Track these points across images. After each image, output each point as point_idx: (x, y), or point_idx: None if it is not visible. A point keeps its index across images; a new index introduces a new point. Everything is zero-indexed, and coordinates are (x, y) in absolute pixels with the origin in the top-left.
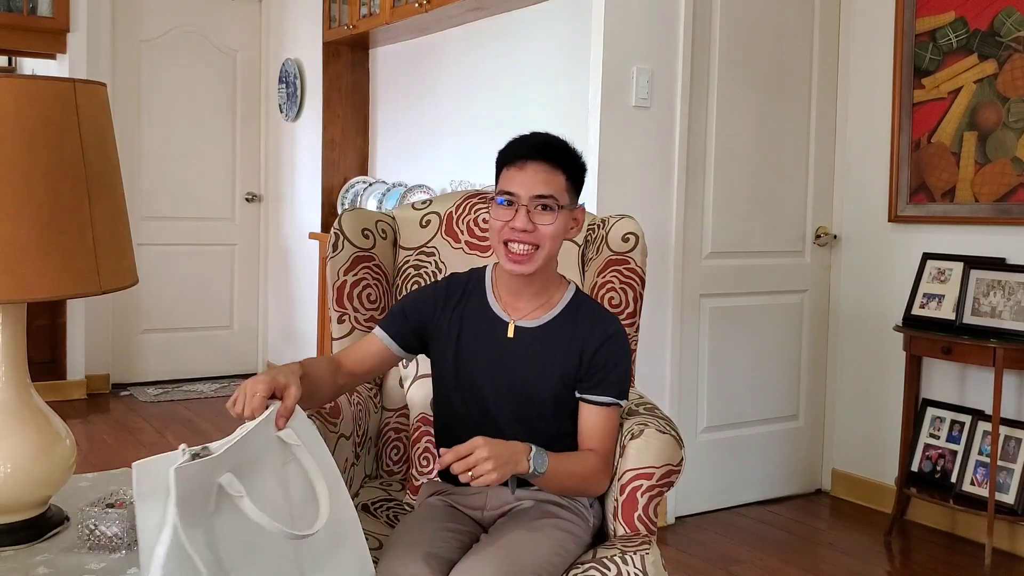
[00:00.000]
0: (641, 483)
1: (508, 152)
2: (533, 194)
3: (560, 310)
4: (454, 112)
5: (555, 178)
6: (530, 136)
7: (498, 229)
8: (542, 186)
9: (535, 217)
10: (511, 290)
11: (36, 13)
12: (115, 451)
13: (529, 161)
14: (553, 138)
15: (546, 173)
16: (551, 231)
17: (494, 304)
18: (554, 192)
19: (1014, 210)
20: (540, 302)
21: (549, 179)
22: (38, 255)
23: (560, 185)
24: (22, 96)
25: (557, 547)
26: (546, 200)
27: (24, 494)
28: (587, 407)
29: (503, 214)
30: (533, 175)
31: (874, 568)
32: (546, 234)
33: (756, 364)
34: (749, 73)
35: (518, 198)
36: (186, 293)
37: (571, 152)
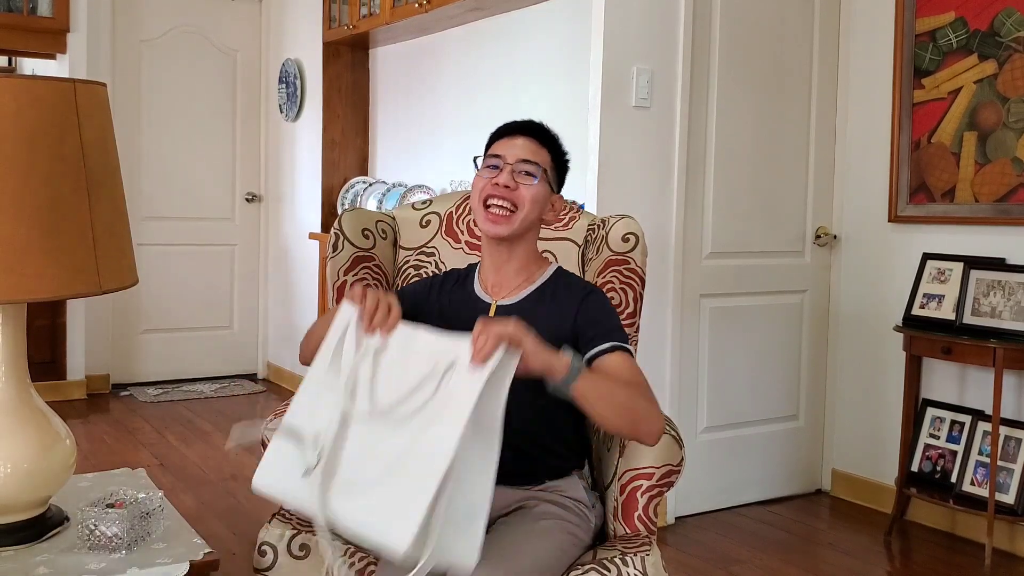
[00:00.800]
0: (641, 483)
1: (499, 129)
2: (520, 157)
3: (539, 284)
4: (454, 112)
5: (541, 152)
6: (522, 119)
7: (480, 187)
8: (529, 153)
9: (518, 178)
10: (494, 266)
11: (36, 13)
12: (115, 451)
13: (519, 135)
14: (543, 124)
15: (534, 146)
16: (531, 193)
17: (479, 289)
18: (539, 161)
19: (1014, 210)
20: (521, 279)
21: (536, 151)
22: (38, 255)
23: (545, 160)
24: (22, 96)
25: (557, 547)
26: (531, 166)
27: (24, 494)
28: (600, 361)
29: (487, 173)
30: (522, 145)
31: (874, 568)
32: (525, 196)
33: (756, 364)
34: (749, 73)
35: (504, 159)
36: (186, 293)
37: (559, 142)
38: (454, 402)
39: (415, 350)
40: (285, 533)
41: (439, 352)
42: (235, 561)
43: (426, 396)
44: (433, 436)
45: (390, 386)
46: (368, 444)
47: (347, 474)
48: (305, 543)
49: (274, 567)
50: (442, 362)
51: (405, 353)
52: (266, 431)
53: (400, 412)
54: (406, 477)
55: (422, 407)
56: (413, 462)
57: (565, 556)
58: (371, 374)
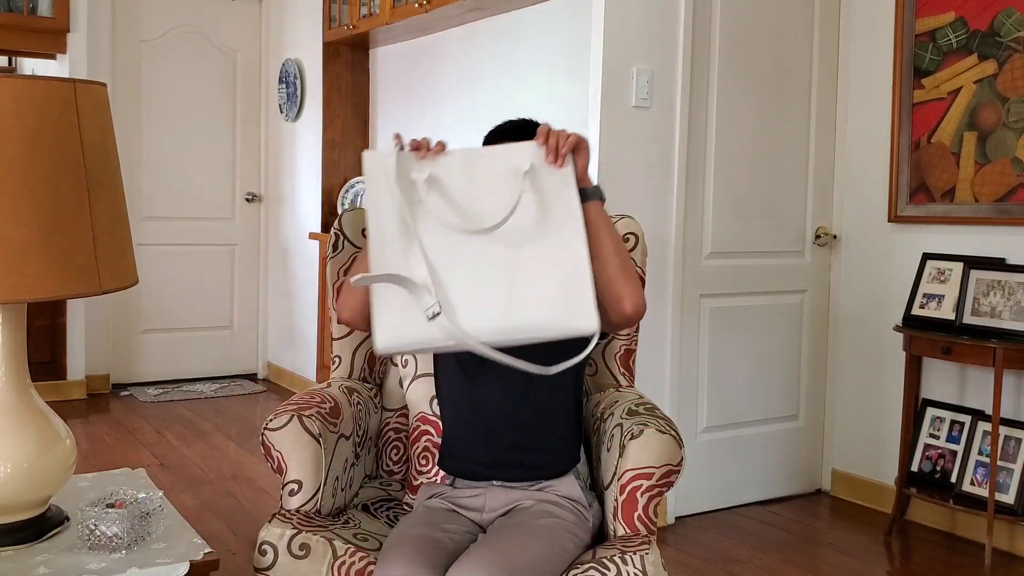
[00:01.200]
0: (641, 483)
1: (491, 134)
2: None
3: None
4: (454, 112)
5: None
6: (513, 121)
7: None
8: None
9: None
10: None
11: (36, 13)
12: (115, 451)
13: (509, 141)
14: (534, 121)
15: None
16: None
17: None
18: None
19: (1014, 210)
20: None
21: None
22: (38, 255)
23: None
24: (22, 96)
25: (554, 546)
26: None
27: (24, 494)
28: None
29: None
30: None
31: (874, 568)
32: None
33: (756, 364)
34: (749, 73)
35: None
36: (186, 293)
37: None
38: (560, 204)
39: (481, 167)
40: (285, 533)
41: (508, 161)
42: (235, 561)
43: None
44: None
45: (477, 203)
46: (487, 259)
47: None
48: (305, 542)
49: (274, 567)
50: (519, 168)
51: (472, 174)
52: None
53: (508, 227)
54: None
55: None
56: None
57: (565, 555)
58: (446, 201)
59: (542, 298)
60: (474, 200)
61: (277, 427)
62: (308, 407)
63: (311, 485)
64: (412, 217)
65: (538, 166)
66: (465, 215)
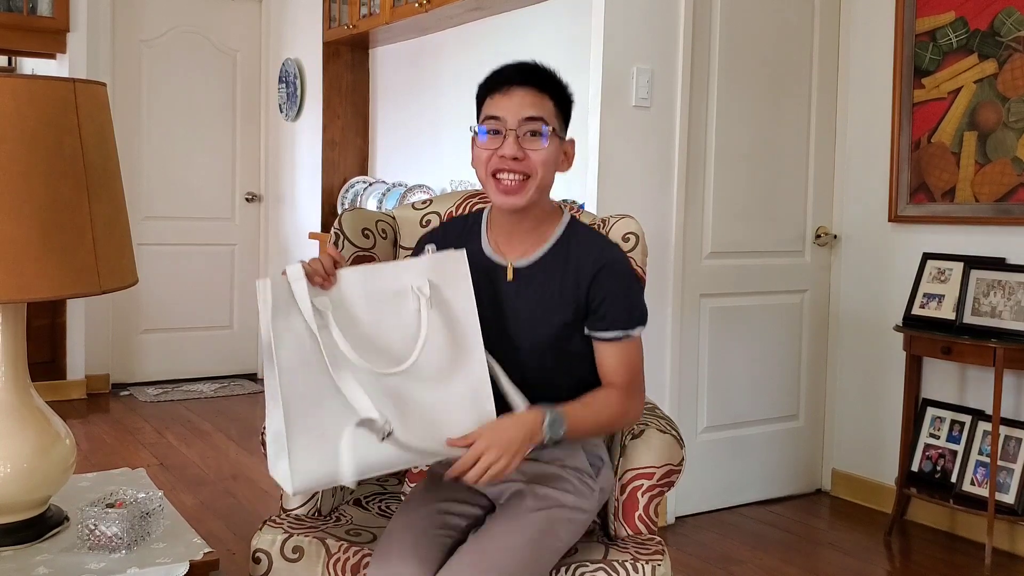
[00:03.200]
0: (641, 483)
1: (491, 79)
2: (522, 117)
3: (554, 241)
4: (454, 112)
5: (544, 102)
6: (513, 63)
7: (485, 160)
8: (530, 108)
9: (525, 143)
10: (506, 229)
11: (36, 13)
12: (115, 451)
13: (515, 86)
14: (539, 64)
15: (534, 97)
16: (542, 157)
17: (489, 249)
18: (544, 115)
19: (1014, 210)
20: (535, 237)
21: (538, 102)
22: (38, 255)
23: (549, 110)
24: (22, 96)
25: (544, 543)
26: (535, 123)
27: (24, 494)
28: (598, 345)
29: (490, 143)
30: (520, 99)
31: (874, 568)
32: (537, 161)
33: (756, 364)
34: (749, 73)
35: (504, 123)
36: (186, 293)
37: (559, 80)
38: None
39: (380, 286)
40: (277, 538)
41: (406, 280)
42: (235, 561)
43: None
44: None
45: (381, 325)
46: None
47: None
48: (298, 545)
49: (269, 573)
50: (421, 289)
51: (373, 295)
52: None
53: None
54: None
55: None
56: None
57: (557, 549)
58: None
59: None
60: (378, 322)
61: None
62: None
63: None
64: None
65: (436, 282)
66: (372, 346)
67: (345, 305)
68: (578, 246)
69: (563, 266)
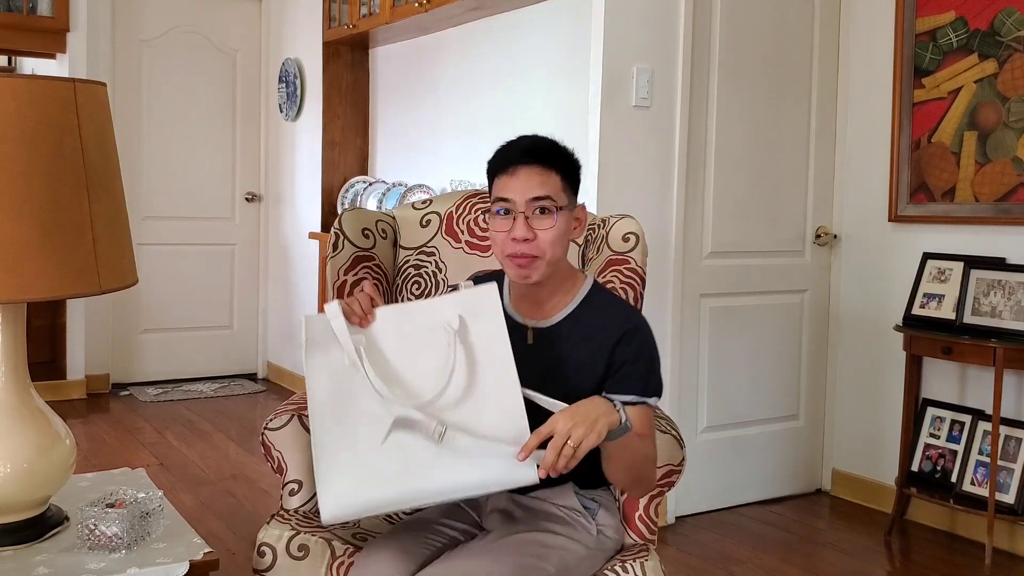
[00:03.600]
0: None
1: (497, 160)
2: (528, 197)
3: (575, 306)
4: (454, 112)
5: (549, 179)
6: (517, 140)
7: (500, 242)
8: (537, 188)
9: (534, 222)
10: (524, 294)
11: (36, 13)
12: (115, 451)
13: (520, 166)
14: (541, 139)
15: (539, 175)
16: (551, 236)
17: (511, 310)
18: (550, 192)
19: (1014, 210)
20: (554, 302)
21: (543, 180)
22: (38, 255)
23: (556, 185)
24: (22, 96)
25: (527, 561)
26: (543, 202)
27: (24, 494)
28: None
29: (502, 224)
30: (526, 179)
31: (874, 568)
32: (546, 241)
33: (756, 364)
34: (749, 73)
35: (514, 204)
36: (186, 293)
37: (561, 151)
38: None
39: (411, 322)
40: (284, 534)
41: (438, 315)
42: (235, 561)
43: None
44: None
45: (411, 363)
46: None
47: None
48: (304, 543)
49: (273, 568)
50: (450, 324)
51: (403, 331)
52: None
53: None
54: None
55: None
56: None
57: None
58: (380, 368)
59: (485, 453)
60: (410, 359)
61: (277, 427)
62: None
63: (311, 485)
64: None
65: (466, 317)
66: (404, 382)
67: (377, 343)
68: (601, 311)
69: (584, 333)
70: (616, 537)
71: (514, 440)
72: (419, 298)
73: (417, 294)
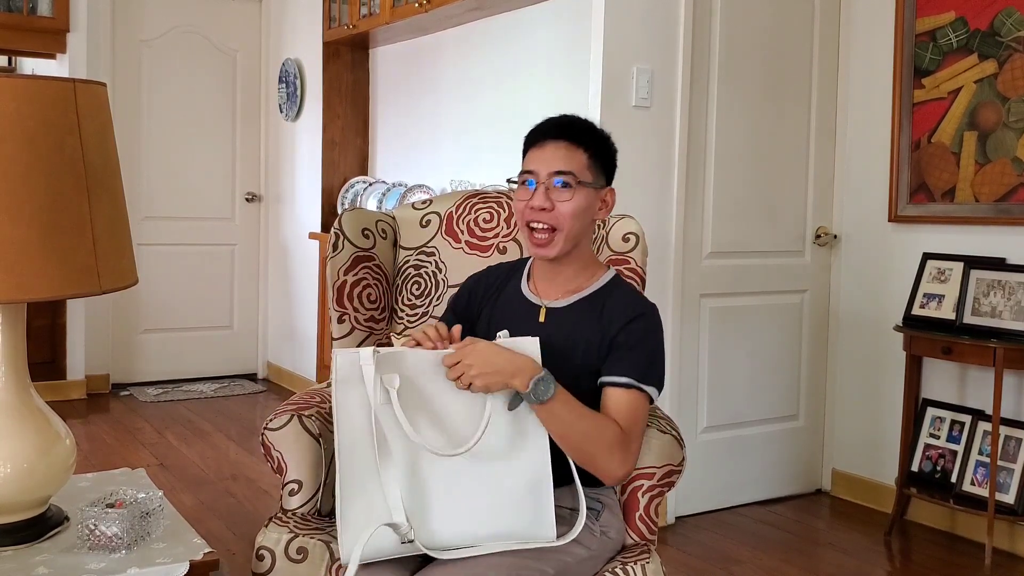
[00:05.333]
0: (642, 483)
1: (531, 134)
2: (551, 170)
3: (592, 291)
4: (454, 112)
5: (575, 155)
6: (554, 117)
7: (521, 211)
8: (560, 162)
9: (553, 194)
10: (547, 276)
11: (36, 13)
12: (115, 451)
13: (549, 140)
14: (577, 118)
15: (566, 150)
16: (570, 209)
17: (526, 290)
18: (573, 168)
19: (1014, 210)
20: (573, 285)
21: (568, 156)
22: (38, 255)
23: (581, 162)
24: (22, 96)
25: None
26: (564, 176)
27: (24, 494)
28: (606, 391)
29: (524, 194)
30: (552, 152)
31: (874, 568)
32: (564, 213)
33: (756, 364)
34: (749, 73)
35: (537, 175)
36: (186, 293)
37: (595, 132)
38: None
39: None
40: (282, 537)
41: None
42: (235, 561)
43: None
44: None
45: (447, 408)
46: (459, 473)
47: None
48: (303, 546)
49: (272, 571)
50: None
51: (441, 372)
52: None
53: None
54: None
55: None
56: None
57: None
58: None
59: (507, 509)
60: (445, 404)
61: (277, 427)
62: (308, 407)
63: (311, 485)
64: (386, 434)
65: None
66: (435, 425)
67: (415, 384)
68: (615, 299)
69: (597, 315)
70: (618, 537)
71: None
72: (419, 298)
73: (417, 294)
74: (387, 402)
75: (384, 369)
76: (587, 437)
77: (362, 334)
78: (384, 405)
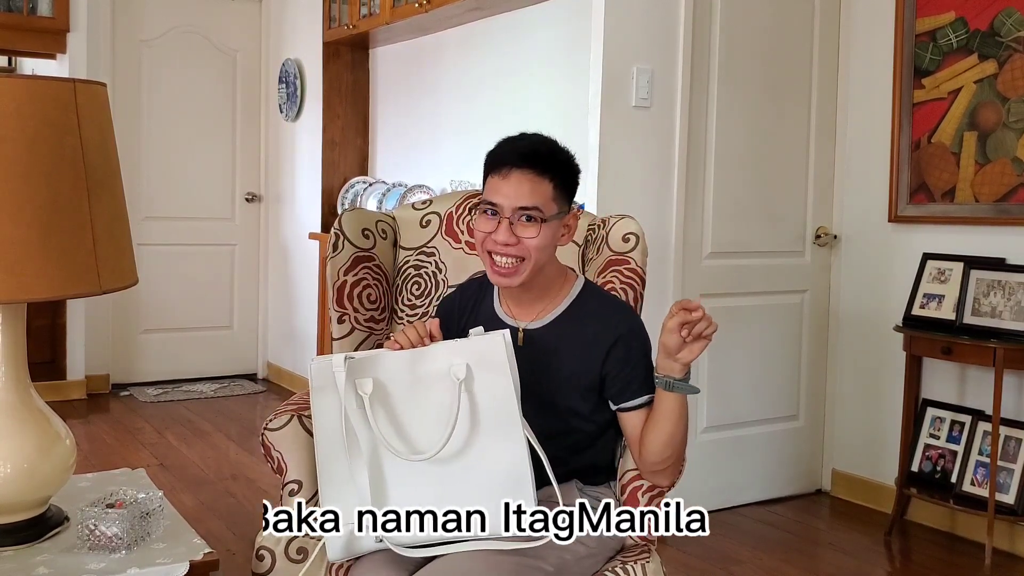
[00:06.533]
0: (642, 483)
1: (494, 158)
2: (516, 206)
3: (566, 306)
4: (454, 112)
5: (541, 187)
6: (517, 139)
7: (481, 240)
8: (526, 197)
9: (518, 229)
10: (515, 298)
11: (36, 13)
12: (115, 451)
13: (514, 169)
14: (540, 143)
15: (531, 182)
16: (535, 243)
17: (501, 311)
18: (539, 203)
19: (1014, 210)
20: (544, 303)
21: (534, 188)
22: (38, 255)
23: (546, 194)
24: (22, 96)
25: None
26: (530, 211)
27: (24, 494)
28: (629, 415)
29: (485, 225)
30: (517, 185)
31: (874, 568)
32: (530, 247)
33: (756, 364)
34: (749, 73)
35: (501, 209)
36: (186, 293)
37: (560, 157)
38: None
39: (423, 367)
40: (282, 537)
41: (447, 361)
42: (235, 561)
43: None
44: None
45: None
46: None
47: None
48: (303, 546)
49: (272, 571)
50: (456, 374)
51: (415, 374)
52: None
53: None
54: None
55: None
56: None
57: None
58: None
59: (486, 506)
60: (418, 405)
61: (277, 427)
62: (308, 407)
63: (311, 485)
64: (358, 438)
65: (473, 367)
66: (409, 426)
67: (387, 387)
68: (592, 313)
69: (577, 333)
70: (618, 536)
71: (514, 493)
72: (419, 298)
73: (417, 294)
74: (361, 407)
75: (357, 374)
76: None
77: (362, 334)
78: (358, 410)
